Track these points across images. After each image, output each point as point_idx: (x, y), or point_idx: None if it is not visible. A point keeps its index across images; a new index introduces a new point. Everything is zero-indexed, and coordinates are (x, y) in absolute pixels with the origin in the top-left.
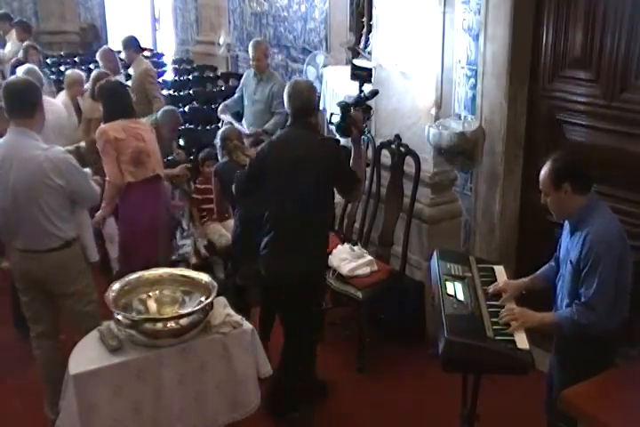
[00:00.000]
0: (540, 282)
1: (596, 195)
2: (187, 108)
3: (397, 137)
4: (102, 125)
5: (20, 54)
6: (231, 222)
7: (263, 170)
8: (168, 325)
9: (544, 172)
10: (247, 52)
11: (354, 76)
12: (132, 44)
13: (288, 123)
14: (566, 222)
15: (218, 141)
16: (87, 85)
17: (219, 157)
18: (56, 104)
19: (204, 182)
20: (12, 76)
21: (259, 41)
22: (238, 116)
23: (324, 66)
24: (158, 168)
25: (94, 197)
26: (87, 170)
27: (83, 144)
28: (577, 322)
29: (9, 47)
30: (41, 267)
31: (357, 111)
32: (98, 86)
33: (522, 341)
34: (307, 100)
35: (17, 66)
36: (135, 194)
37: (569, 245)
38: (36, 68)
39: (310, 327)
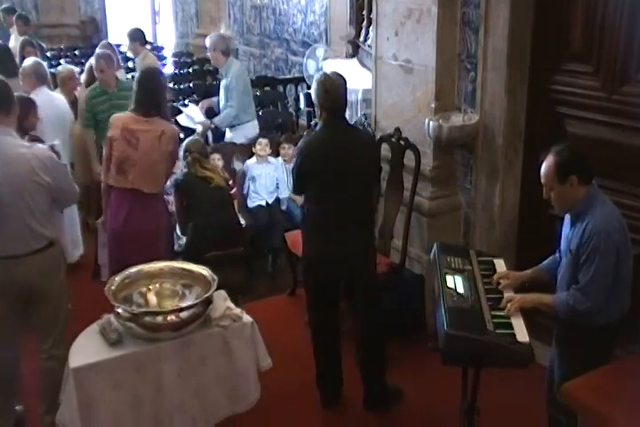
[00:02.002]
0: (544, 274)
1: (596, 185)
2: (187, 101)
3: (397, 130)
4: (115, 115)
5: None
6: None
7: (310, 168)
8: (168, 318)
9: (547, 166)
10: (247, 45)
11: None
12: (138, 36)
13: (324, 120)
14: (567, 214)
15: (181, 153)
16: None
17: (181, 169)
18: (57, 97)
19: None
20: None
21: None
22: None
23: (324, 59)
24: (142, 183)
25: (76, 195)
26: None
27: (57, 142)
28: (572, 307)
29: (12, 41)
30: (25, 271)
31: None
32: (140, 71)
33: (522, 334)
34: (344, 96)
35: None
36: (112, 198)
37: (569, 236)
38: (41, 61)
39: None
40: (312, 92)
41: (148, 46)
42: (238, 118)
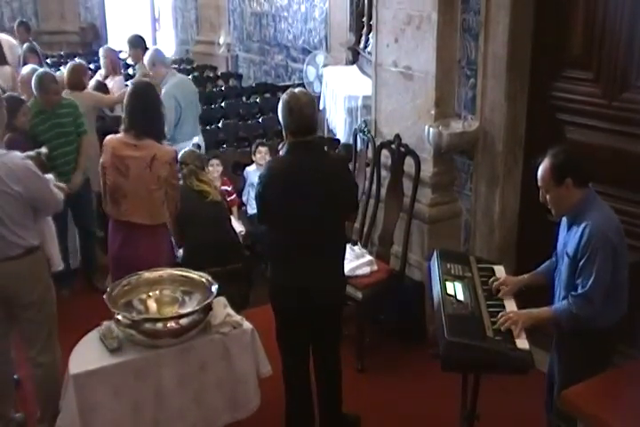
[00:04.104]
0: (542, 278)
1: (593, 189)
2: None
3: (397, 137)
4: (107, 137)
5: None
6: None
7: (273, 197)
8: (168, 325)
9: (543, 168)
10: (247, 52)
11: None
12: (138, 42)
13: (289, 143)
14: (563, 217)
15: (177, 164)
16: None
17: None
18: None
19: None
20: None
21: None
22: None
23: (324, 66)
24: (135, 215)
25: (57, 204)
26: (50, 176)
27: (44, 150)
28: (575, 315)
29: None
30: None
31: None
32: (131, 85)
33: (521, 340)
34: (311, 116)
35: None
36: (109, 225)
37: (566, 239)
38: (39, 69)
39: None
40: (278, 112)
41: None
42: (173, 138)
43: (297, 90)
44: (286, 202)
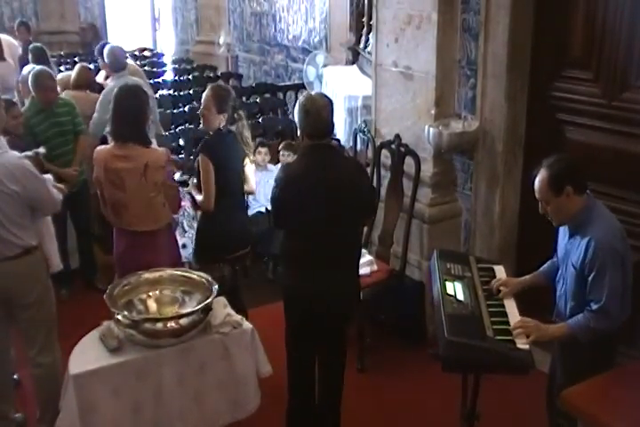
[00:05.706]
0: (543, 278)
1: (592, 194)
2: (187, 108)
3: (397, 137)
4: (96, 150)
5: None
6: None
7: (289, 202)
8: (168, 325)
9: (540, 180)
10: (247, 52)
11: None
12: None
13: (304, 147)
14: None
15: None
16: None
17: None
18: None
19: None
20: None
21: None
22: None
23: (324, 66)
24: (138, 224)
25: (54, 204)
26: (49, 176)
27: (42, 150)
28: (593, 329)
29: None
30: None
31: None
32: (118, 88)
33: (521, 340)
34: (327, 118)
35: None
36: (115, 232)
37: (568, 247)
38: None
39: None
40: (295, 114)
41: (148, 53)
42: None
43: (314, 92)
44: (303, 205)
